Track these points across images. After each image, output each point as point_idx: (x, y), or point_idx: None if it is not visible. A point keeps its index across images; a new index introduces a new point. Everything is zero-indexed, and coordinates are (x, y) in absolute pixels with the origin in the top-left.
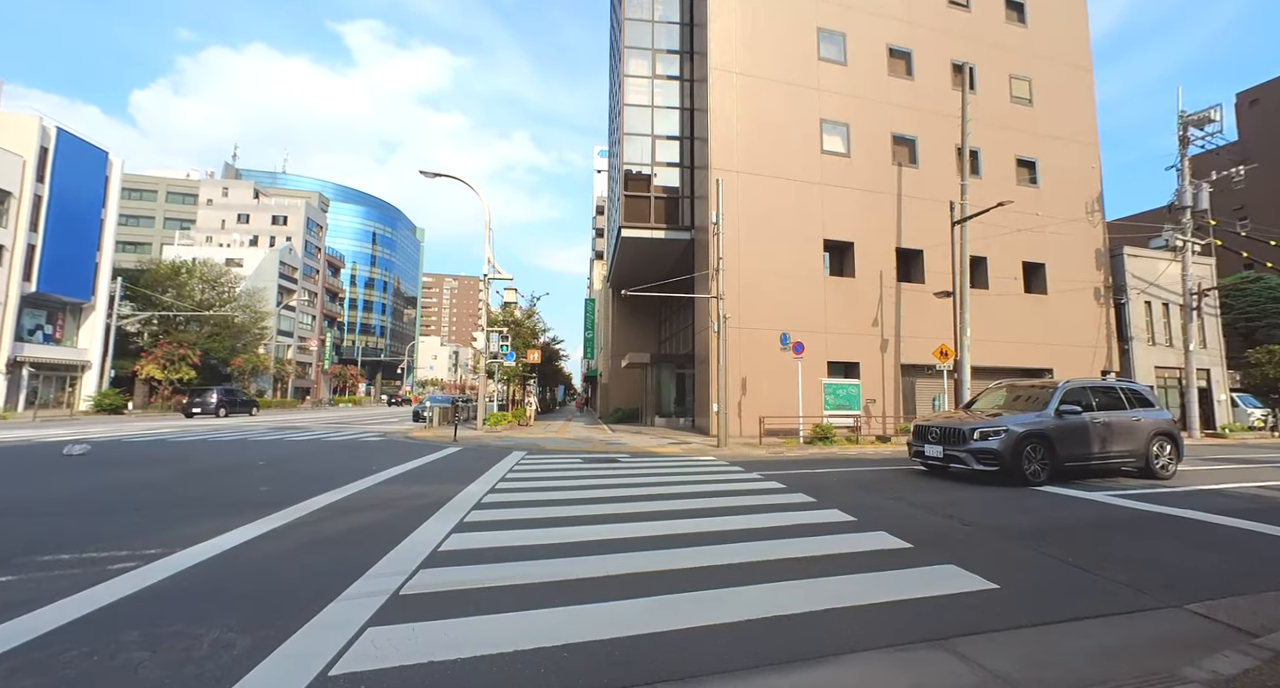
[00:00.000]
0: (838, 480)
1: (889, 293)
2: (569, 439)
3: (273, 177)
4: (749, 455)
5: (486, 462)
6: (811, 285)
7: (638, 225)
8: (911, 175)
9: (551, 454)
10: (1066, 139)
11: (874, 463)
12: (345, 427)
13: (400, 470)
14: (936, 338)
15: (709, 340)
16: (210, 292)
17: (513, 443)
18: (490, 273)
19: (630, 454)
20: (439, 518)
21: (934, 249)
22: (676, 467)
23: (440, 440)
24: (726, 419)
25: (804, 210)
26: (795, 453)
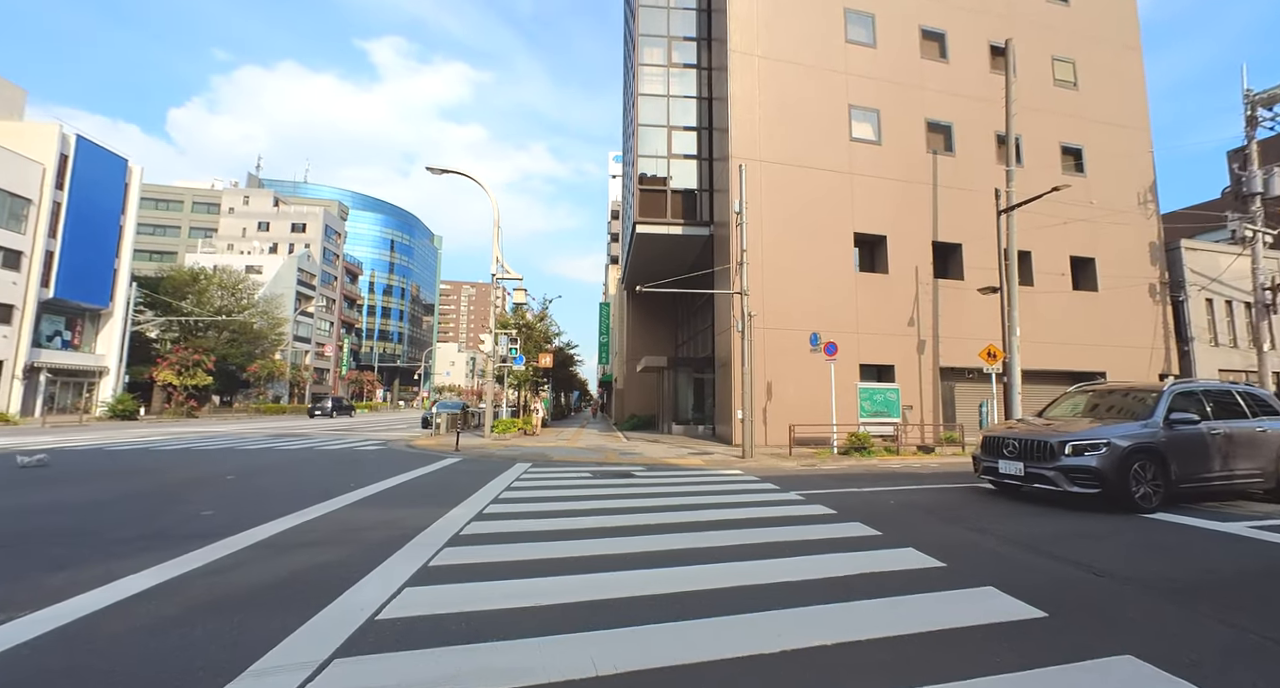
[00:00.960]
0: (896, 504)
1: (925, 290)
2: (580, 448)
3: (294, 186)
4: (779, 469)
5: (484, 476)
6: (841, 282)
7: (653, 221)
8: (948, 164)
9: (558, 467)
10: (1115, 125)
11: (925, 479)
12: (349, 434)
13: (381, 487)
14: (978, 339)
15: (731, 342)
16: (229, 298)
17: (518, 453)
18: (499, 272)
19: (646, 467)
20: (399, 560)
21: (973, 243)
22: (700, 483)
23: (441, 450)
24: (752, 428)
25: (832, 202)
26: (830, 466)
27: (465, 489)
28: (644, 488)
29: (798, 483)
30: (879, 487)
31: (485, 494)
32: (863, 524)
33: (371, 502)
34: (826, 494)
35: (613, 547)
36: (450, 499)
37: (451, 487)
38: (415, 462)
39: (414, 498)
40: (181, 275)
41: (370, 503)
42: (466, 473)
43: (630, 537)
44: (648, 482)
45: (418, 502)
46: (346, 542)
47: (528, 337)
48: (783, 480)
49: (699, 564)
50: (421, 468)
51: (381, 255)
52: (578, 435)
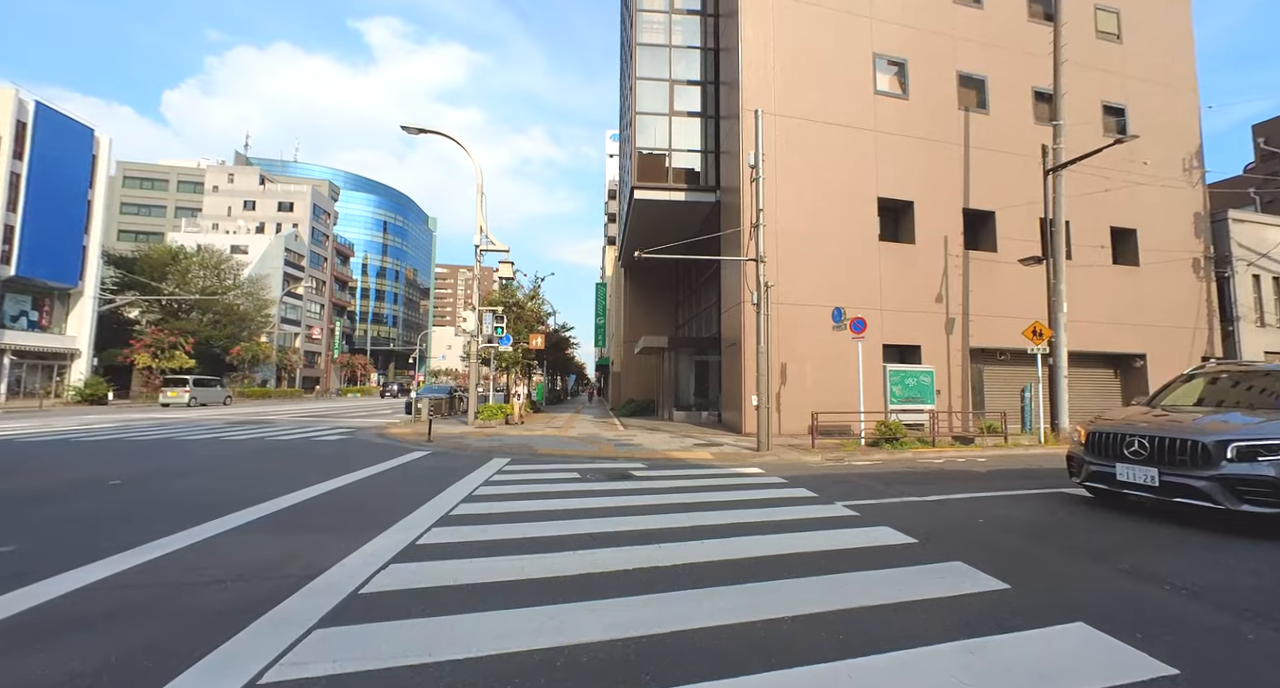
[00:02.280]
0: (987, 524)
1: (955, 262)
2: (570, 438)
3: (283, 165)
4: (804, 466)
5: (445, 478)
6: (864, 253)
7: (653, 186)
8: (980, 123)
9: (542, 463)
10: (1160, 83)
11: (989, 482)
12: (320, 421)
13: (302, 497)
14: (1011, 317)
15: (741, 318)
16: (212, 278)
17: (499, 444)
18: (483, 243)
19: (646, 463)
20: (208, 671)
21: (1007, 211)
22: (715, 489)
23: (412, 441)
24: (769, 416)
25: (854, 162)
26: (863, 461)
27: (412, 499)
28: (645, 496)
29: (836, 487)
30: (942, 493)
31: (434, 509)
32: (969, 566)
33: (269, 525)
34: (883, 507)
35: (600, 615)
36: (382, 518)
37: (396, 495)
38: (373, 457)
39: (333, 516)
40: (160, 254)
41: (265, 527)
42: (426, 474)
43: (624, 600)
44: (649, 485)
45: (334, 523)
46: (161, 616)
47: (518, 316)
48: (815, 483)
49: (704, 588)
50: (374, 466)
51: (375, 237)
52: (571, 422)
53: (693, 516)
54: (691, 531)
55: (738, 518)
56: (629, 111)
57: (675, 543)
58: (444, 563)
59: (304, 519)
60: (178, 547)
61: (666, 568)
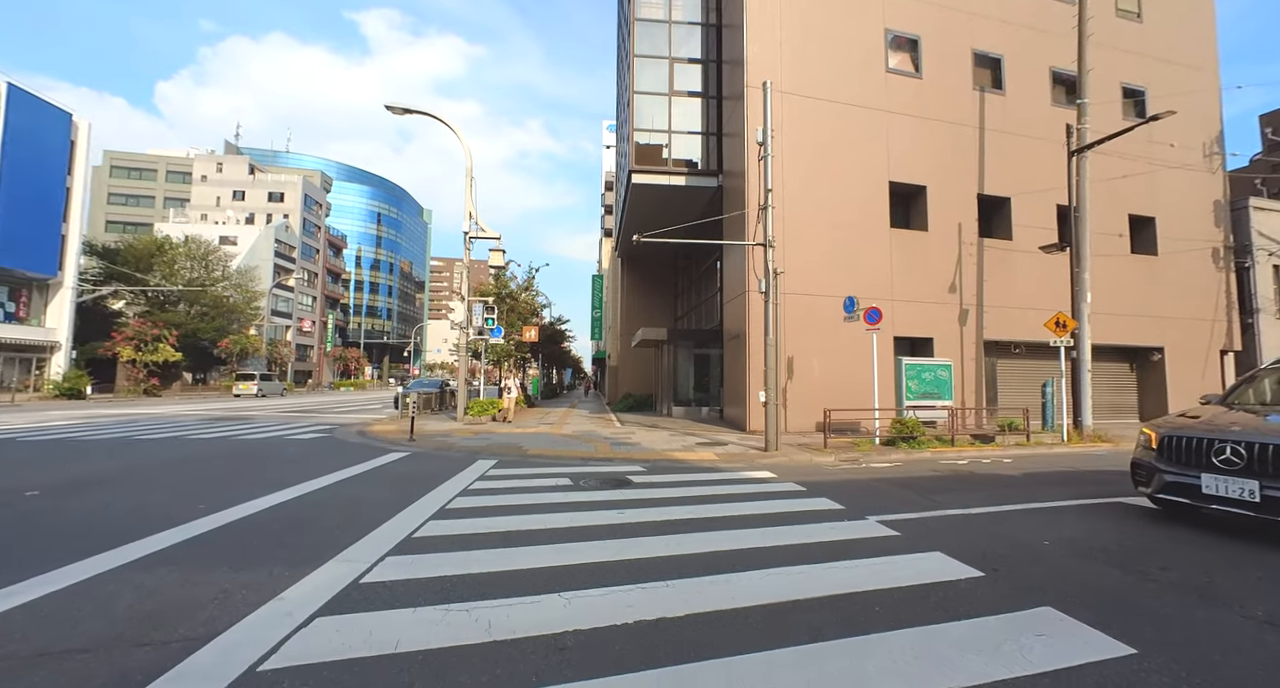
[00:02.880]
0: (1052, 546)
1: (969, 251)
2: (564, 437)
3: (274, 156)
4: (818, 469)
5: (418, 486)
6: (874, 240)
7: (652, 170)
8: (996, 104)
9: (531, 467)
10: (1181, 65)
11: (1029, 487)
12: (303, 417)
13: (241, 513)
14: (1027, 308)
15: (746, 309)
16: (199, 270)
17: (486, 444)
18: (473, 230)
19: (646, 465)
20: None
21: (1023, 197)
22: (725, 498)
23: (393, 440)
24: (778, 414)
25: (864, 144)
26: (880, 462)
27: (370, 517)
28: (646, 510)
29: (862, 496)
30: (984, 504)
31: (394, 530)
32: (1066, 616)
33: (182, 555)
34: (925, 524)
35: None
36: (325, 545)
37: (353, 511)
38: (344, 459)
39: (266, 541)
40: (145, 245)
41: (175, 558)
42: (397, 480)
43: (628, 681)
44: (650, 495)
45: (263, 552)
46: None
47: (511, 308)
48: (837, 491)
49: None
50: (341, 471)
51: (368, 229)
52: (565, 418)
53: (705, 538)
54: (706, 560)
55: (759, 540)
56: (626, 92)
57: (687, 578)
58: (387, 616)
59: (228, 546)
60: (48, 590)
61: (679, 621)
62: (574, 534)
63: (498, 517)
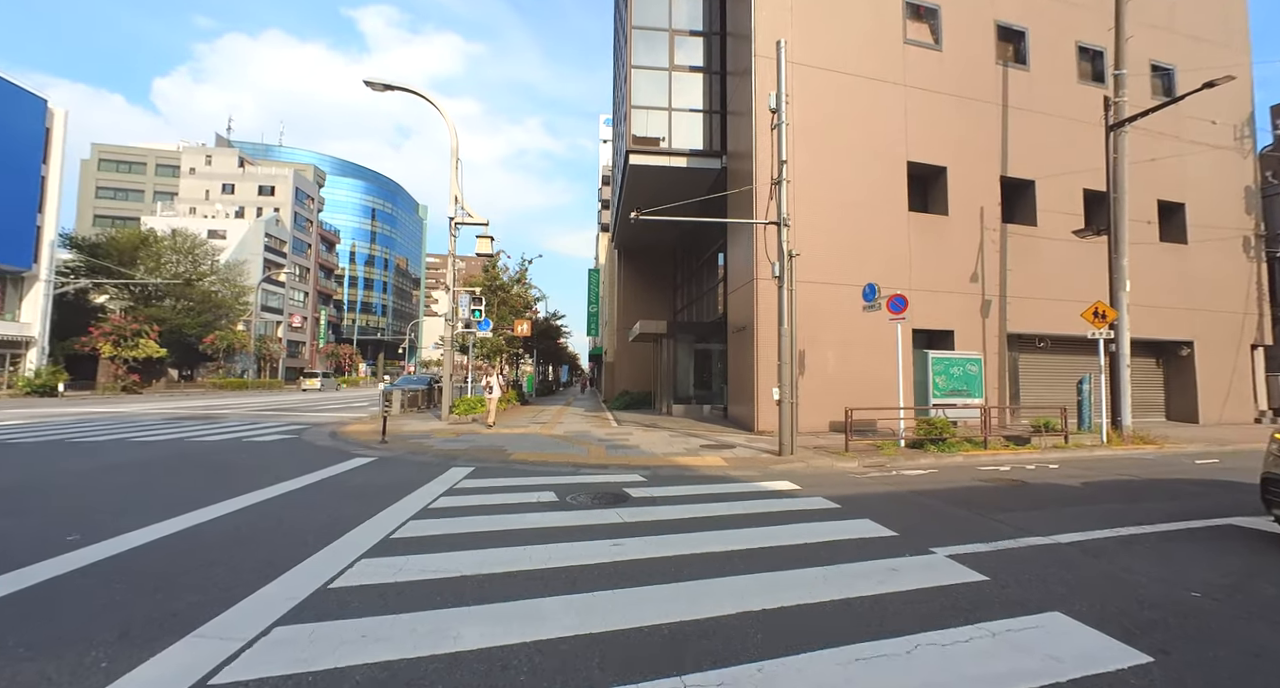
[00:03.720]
0: (1207, 600)
1: (991, 237)
2: (554, 439)
3: (266, 149)
4: (845, 477)
5: (374, 501)
6: (891, 224)
7: (651, 150)
8: (1019, 80)
9: (513, 476)
10: (1211, 42)
11: (1096, 500)
12: (277, 416)
13: (116, 548)
14: (1053, 299)
15: (754, 298)
16: (186, 264)
17: (468, 445)
18: (459, 216)
19: (646, 473)
20: None
21: (1048, 181)
22: (743, 521)
23: (365, 441)
24: (794, 414)
25: (881, 121)
26: (913, 469)
27: (300, 544)
28: (647, 539)
29: (911, 517)
30: (1067, 530)
31: (323, 565)
32: None
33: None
34: (1010, 561)
35: None
36: (195, 608)
37: (281, 536)
38: (300, 465)
39: (120, 596)
40: (128, 238)
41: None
42: (352, 493)
43: None
44: (652, 515)
45: (93, 620)
46: None
47: (502, 301)
48: (879, 509)
49: None
50: (288, 482)
51: (363, 224)
52: (558, 417)
53: (733, 587)
54: (740, 630)
55: (806, 590)
56: (624, 69)
57: (721, 669)
58: None
59: (51, 607)
60: None
61: None
62: (551, 579)
63: (455, 552)
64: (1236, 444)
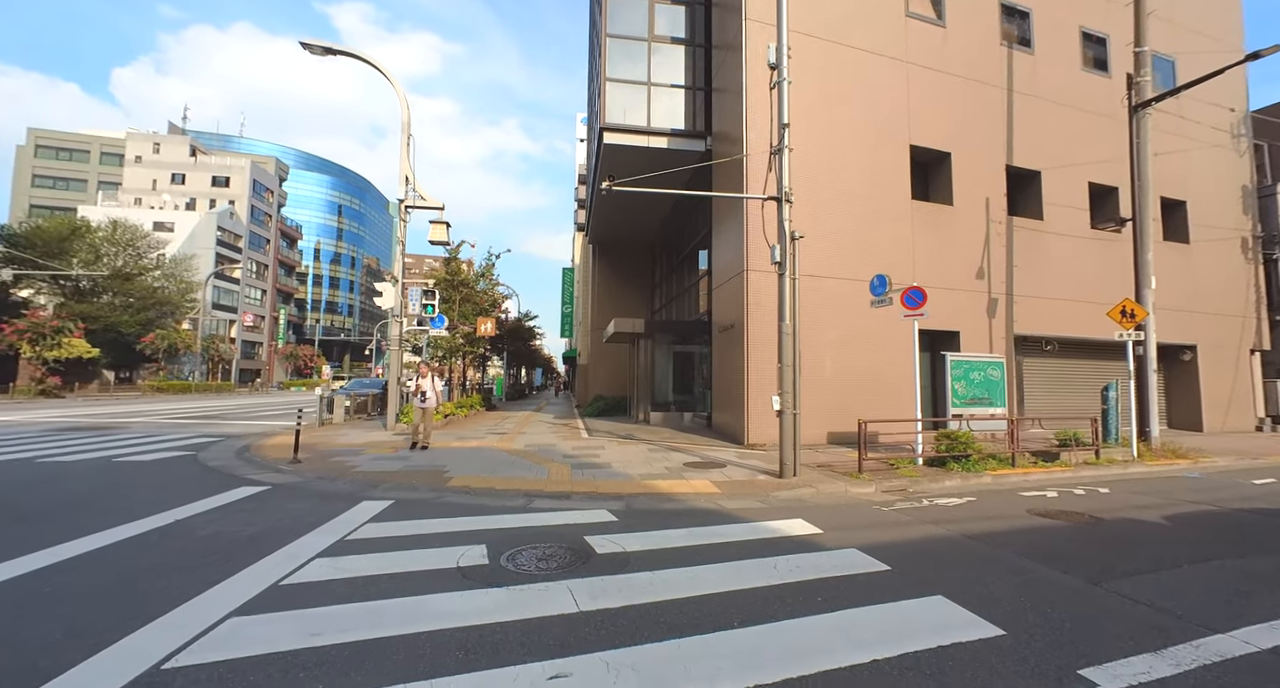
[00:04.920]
0: None
1: (998, 229)
2: (513, 454)
3: (225, 140)
4: (866, 510)
5: (205, 571)
6: (894, 213)
7: (628, 128)
8: (1024, 64)
9: (438, 514)
10: (1209, 36)
11: (1219, 550)
12: (191, 426)
13: None
14: (1061, 299)
15: (744, 291)
16: (126, 257)
17: (400, 466)
18: (409, 199)
19: (617, 507)
20: None
21: (1055, 173)
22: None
23: (273, 462)
24: (797, 427)
25: (882, 100)
26: (945, 496)
27: None
28: (609, 653)
29: (992, 585)
30: (1249, 616)
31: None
32: None
33: None
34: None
35: None
36: None
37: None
38: (160, 499)
39: None
40: (55, 228)
41: None
42: (175, 560)
43: None
44: (622, 597)
45: None
46: None
47: (465, 297)
48: (939, 571)
49: None
50: (114, 529)
51: (329, 221)
52: (523, 425)
53: None
54: None
55: None
56: (599, 39)
57: None
58: None
59: None
60: None
61: None
62: None
63: None
64: (1271, 457)
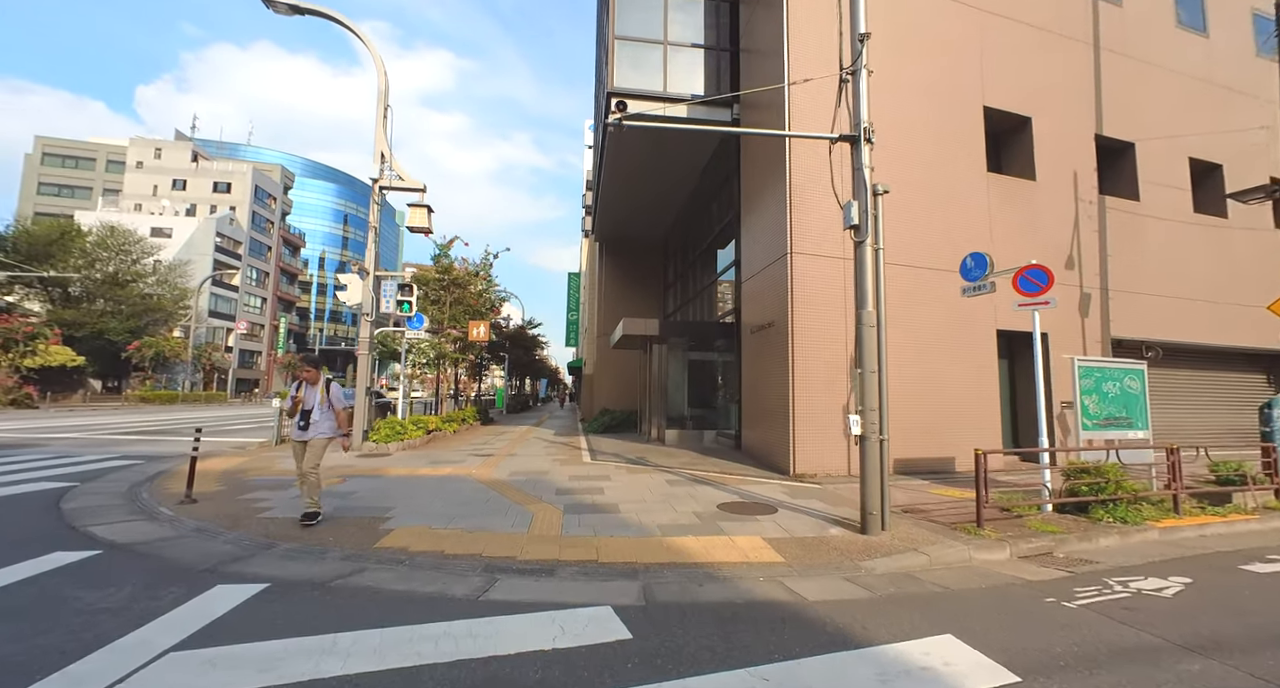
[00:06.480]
0: None
1: (1088, 211)
2: (489, 487)
3: (232, 148)
4: (1023, 596)
5: None
6: (966, 187)
7: (641, 95)
8: (1112, 17)
9: (304, 634)
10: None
11: None
12: (132, 443)
13: None
14: (1165, 297)
15: (788, 279)
16: (118, 262)
17: (339, 504)
18: (387, 178)
19: (628, 602)
20: None
21: (1150, 146)
22: None
23: (168, 498)
24: (885, 459)
25: (952, 53)
26: (1134, 573)
27: None
28: None
29: None
30: None
31: None
32: None
33: None
34: None
35: None
36: None
37: None
38: None
39: None
40: (44, 232)
41: None
42: None
43: None
44: None
45: None
46: None
47: (458, 299)
48: None
49: None
50: None
51: (334, 229)
52: (516, 444)
53: None
54: None
55: None
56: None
57: None
58: None
59: None
60: None
61: None
62: None
63: None
64: None
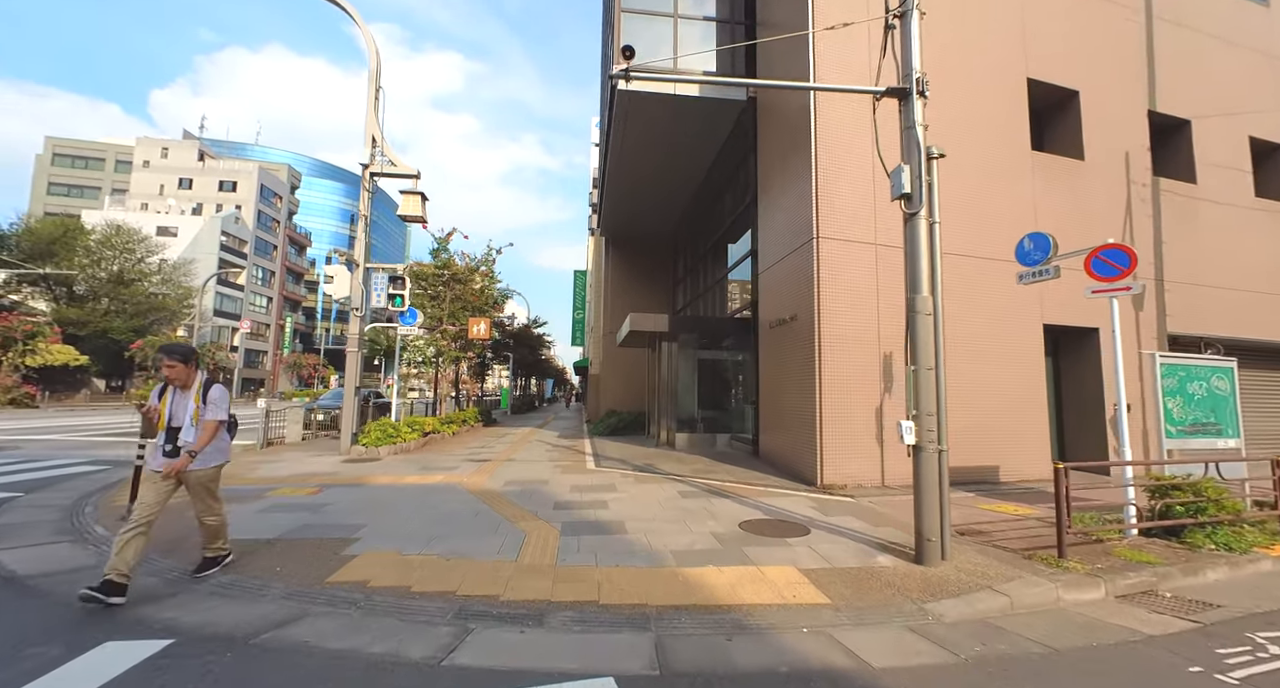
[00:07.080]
0: None
1: (1140, 194)
2: (479, 499)
3: (240, 148)
4: (1150, 661)
5: None
6: (1009, 166)
7: (649, 74)
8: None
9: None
10: None
11: None
12: (111, 447)
13: None
14: (1226, 289)
15: (813, 267)
16: (122, 261)
17: (292, 524)
18: (377, 164)
19: (638, 653)
20: None
21: (1207, 124)
22: None
23: (85, 527)
24: (944, 473)
25: (993, 21)
26: (1271, 622)
27: None
28: None
29: None
30: None
31: None
32: None
33: None
34: None
35: None
36: None
37: None
38: None
39: None
40: (46, 230)
41: None
42: None
43: None
44: None
45: None
46: None
47: (458, 295)
48: None
49: None
50: None
51: (341, 229)
52: (516, 448)
53: None
54: None
55: None
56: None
57: None
58: None
59: None
60: None
61: None
62: None
63: None
64: None
